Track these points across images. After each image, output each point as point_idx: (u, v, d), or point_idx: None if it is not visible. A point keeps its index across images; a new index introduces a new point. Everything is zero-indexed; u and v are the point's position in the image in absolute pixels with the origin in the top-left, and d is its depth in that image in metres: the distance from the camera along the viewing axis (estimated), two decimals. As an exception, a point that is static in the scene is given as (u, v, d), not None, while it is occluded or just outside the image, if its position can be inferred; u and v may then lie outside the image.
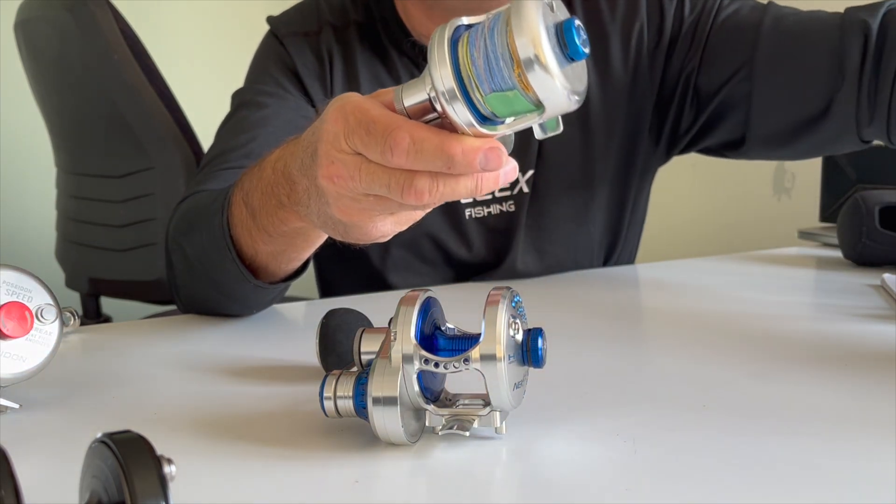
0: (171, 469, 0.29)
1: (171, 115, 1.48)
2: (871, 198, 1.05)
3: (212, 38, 2.59)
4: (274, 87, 0.94)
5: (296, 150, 0.57)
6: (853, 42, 0.82)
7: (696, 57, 0.93)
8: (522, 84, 0.41)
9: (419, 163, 0.44)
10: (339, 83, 0.95)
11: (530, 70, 0.40)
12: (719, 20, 0.93)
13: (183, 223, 0.80)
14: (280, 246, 0.69)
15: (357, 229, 0.53)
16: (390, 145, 0.44)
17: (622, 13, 0.96)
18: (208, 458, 0.46)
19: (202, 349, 0.71)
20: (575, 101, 0.41)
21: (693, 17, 0.94)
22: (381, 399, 0.44)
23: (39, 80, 1.66)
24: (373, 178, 0.47)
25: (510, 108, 0.42)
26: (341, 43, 0.96)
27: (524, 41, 0.39)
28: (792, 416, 0.51)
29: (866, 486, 0.41)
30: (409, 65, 0.96)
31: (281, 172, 0.60)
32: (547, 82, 0.40)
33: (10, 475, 0.28)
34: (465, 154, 0.43)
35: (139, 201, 1.54)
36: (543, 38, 0.39)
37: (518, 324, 0.45)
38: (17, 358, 0.51)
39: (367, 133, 0.45)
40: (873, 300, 0.84)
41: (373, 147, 0.45)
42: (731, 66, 0.91)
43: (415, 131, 0.44)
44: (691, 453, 0.45)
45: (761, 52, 0.88)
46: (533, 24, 0.39)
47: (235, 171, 0.85)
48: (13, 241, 2.21)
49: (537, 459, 0.45)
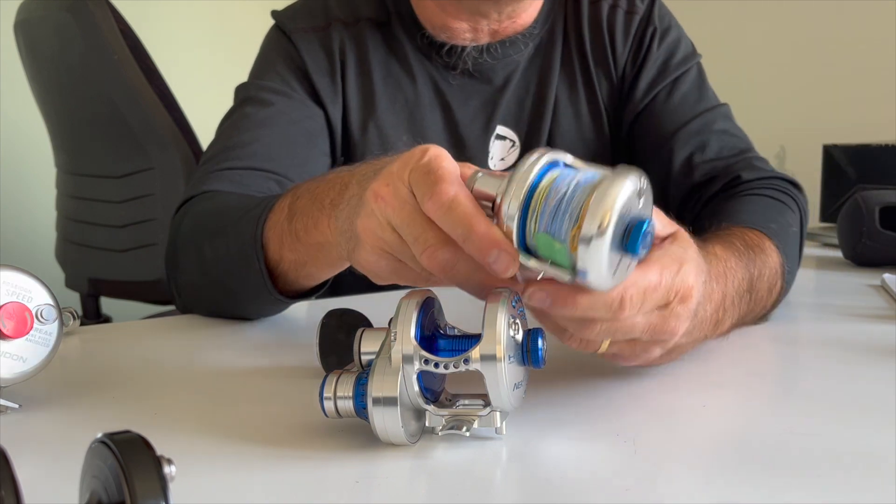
0: (171, 469, 0.29)
1: (171, 115, 1.48)
2: (871, 198, 1.05)
3: (211, 38, 2.59)
4: (280, 84, 0.93)
5: (367, 167, 0.58)
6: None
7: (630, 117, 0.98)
8: (573, 245, 0.42)
9: (444, 219, 0.46)
10: (351, 79, 0.95)
11: (584, 242, 0.41)
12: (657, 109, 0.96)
13: (205, 225, 0.79)
14: (303, 255, 0.68)
15: (363, 250, 0.53)
16: (433, 192, 0.46)
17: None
18: (208, 458, 0.46)
19: (202, 349, 0.71)
20: (607, 284, 0.43)
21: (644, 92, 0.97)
22: (380, 399, 0.44)
23: (39, 80, 1.66)
24: (410, 222, 0.48)
25: (550, 254, 0.44)
26: (353, 39, 0.95)
27: (593, 218, 0.41)
28: (792, 415, 0.51)
29: (867, 480, 0.41)
30: (423, 60, 0.96)
31: (341, 179, 0.61)
32: (593, 259, 0.41)
33: (10, 475, 0.28)
34: (483, 238, 0.44)
35: (139, 201, 1.54)
36: (611, 225, 0.41)
37: (518, 324, 0.45)
38: (17, 358, 0.51)
39: (425, 175, 0.47)
40: (873, 300, 0.84)
41: (421, 187, 0.47)
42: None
43: (460, 195, 0.46)
44: (691, 453, 0.45)
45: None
46: (609, 208, 0.41)
47: (240, 173, 0.85)
48: (13, 241, 2.21)
49: (537, 460, 0.45)
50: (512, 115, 0.97)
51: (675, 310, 0.49)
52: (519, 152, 0.97)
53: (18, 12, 1.62)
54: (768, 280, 0.68)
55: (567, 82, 0.97)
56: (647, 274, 0.46)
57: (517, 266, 0.45)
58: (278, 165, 0.87)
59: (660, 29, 0.97)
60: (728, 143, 0.93)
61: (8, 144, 2.24)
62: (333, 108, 0.94)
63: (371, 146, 0.95)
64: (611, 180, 0.42)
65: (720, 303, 0.58)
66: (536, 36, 0.97)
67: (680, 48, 0.98)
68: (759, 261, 0.67)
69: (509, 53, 0.96)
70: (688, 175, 0.92)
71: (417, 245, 0.47)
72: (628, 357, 0.53)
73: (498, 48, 0.95)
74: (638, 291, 0.45)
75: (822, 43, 2.28)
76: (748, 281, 0.64)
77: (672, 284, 0.47)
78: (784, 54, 2.37)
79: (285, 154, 0.88)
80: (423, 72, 0.96)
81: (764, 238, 0.72)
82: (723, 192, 0.88)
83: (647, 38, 0.96)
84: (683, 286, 0.48)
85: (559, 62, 0.97)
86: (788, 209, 0.83)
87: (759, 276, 0.66)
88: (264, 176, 0.86)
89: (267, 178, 0.86)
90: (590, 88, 0.97)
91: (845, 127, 2.04)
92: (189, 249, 0.80)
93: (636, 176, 0.43)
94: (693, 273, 0.49)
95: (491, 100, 0.97)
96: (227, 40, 2.56)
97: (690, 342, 0.55)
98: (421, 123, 0.96)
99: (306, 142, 0.91)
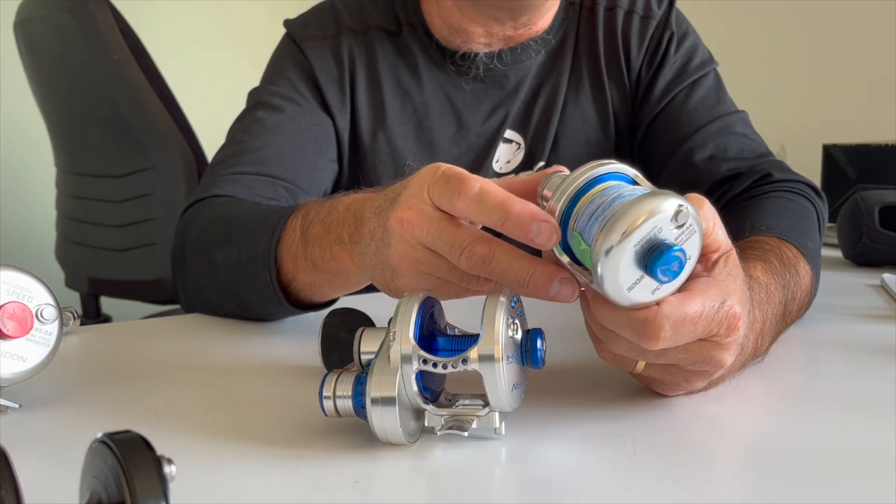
0: (171, 469, 0.29)
1: (170, 115, 1.49)
2: (871, 198, 1.05)
3: (212, 38, 2.60)
4: (290, 90, 0.93)
5: (377, 196, 0.58)
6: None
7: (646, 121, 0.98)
8: (594, 248, 0.43)
9: (478, 210, 0.47)
10: (361, 88, 0.95)
11: (604, 248, 0.42)
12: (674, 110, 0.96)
13: (216, 231, 0.79)
14: (320, 280, 0.68)
15: (402, 277, 0.53)
16: (459, 191, 0.47)
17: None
18: (208, 458, 0.46)
19: (202, 349, 0.71)
20: (623, 298, 0.43)
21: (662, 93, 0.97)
22: (379, 399, 0.44)
23: (39, 80, 1.66)
24: (440, 234, 0.48)
25: (581, 255, 0.46)
26: (363, 47, 0.96)
27: (617, 226, 0.41)
28: (791, 415, 0.51)
29: (867, 480, 0.41)
30: (433, 69, 0.97)
31: (354, 213, 0.61)
32: (610, 267, 0.42)
33: (10, 475, 0.29)
34: (522, 214, 0.45)
35: (139, 201, 1.54)
36: (632, 237, 0.41)
37: (517, 324, 0.45)
38: (17, 358, 0.51)
39: (446, 182, 0.48)
40: (873, 300, 0.84)
41: (447, 194, 0.48)
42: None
43: (486, 184, 0.47)
44: (691, 453, 0.45)
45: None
46: (635, 220, 0.41)
47: (250, 178, 0.86)
48: (13, 241, 2.22)
49: (536, 460, 0.45)
50: (519, 119, 0.98)
51: (721, 342, 0.47)
52: (524, 155, 0.98)
53: (18, 12, 1.62)
54: (799, 302, 0.68)
55: (575, 86, 0.98)
56: (686, 304, 0.44)
57: (559, 236, 0.45)
58: (287, 172, 0.88)
59: (677, 34, 0.98)
60: (748, 146, 0.93)
61: (8, 144, 2.24)
62: (341, 117, 0.95)
63: (380, 154, 0.96)
64: (649, 197, 0.42)
65: (760, 331, 0.56)
66: (549, 42, 0.98)
67: (698, 53, 0.99)
68: (794, 283, 0.66)
69: (521, 59, 0.97)
70: (710, 172, 0.91)
71: (454, 251, 0.48)
72: (668, 384, 0.51)
73: (510, 54, 0.96)
74: (674, 321, 0.43)
75: (821, 43, 2.28)
76: (783, 304, 0.63)
77: (715, 317, 0.45)
78: (784, 54, 2.37)
79: (294, 161, 0.89)
80: (433, 80, 0.97)
81: (800, 258, 0.71)
82: (753, 188, 0.88)
83: (664, 43, 0.97)
84: (729, 317, 0.46)
85: (569, 67, 0.98)
86: (816, 223, 0.83)
87: (793, 299, 0.66)
88: (273, 182, 0.87)
89: (276, 185, 0.87)
90: (599, 92, 0.98)
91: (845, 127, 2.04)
92: (198, 252, 0.80)
93: (676, 201, 0.42)
94: (739, 304, 0.47)
95: (501, 104, 0.97)
96: (228, 40, 2.56)
97: (731, 371, 0.54)
98: (430, 132, 0.96)
99: (315, 149, 0.92)
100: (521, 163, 0.98)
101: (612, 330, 0.46)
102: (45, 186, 1.88)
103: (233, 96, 0.96)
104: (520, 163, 0.98)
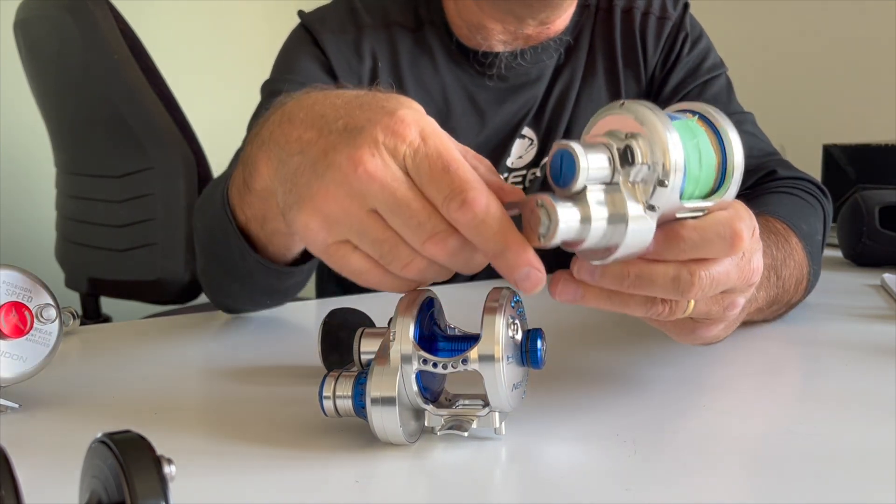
0: (171, 469, 0.29)
1: (170, 115, 1.48)
2: (871, 198, 1.05)
3: (212, 38, 2.59)
4: (307, 79, 0.91)
5: (326, 98, 0.48)
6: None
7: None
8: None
9: (475, 231, 0.41)
10: (384, 82, 0.95)
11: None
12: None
13: (198, 201, 0.78)
14: (258, 210, 0.61)
15: (307, 217, 0.44)
16: (464, 199, 0.40)
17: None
18: (208, 458, 0.46)
19: (202, 349, 0.71)
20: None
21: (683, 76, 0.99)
22: (379, 399, 0.44)
23: (39, 80, 1.65)
24: (407, 205, 0.42)
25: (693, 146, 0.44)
26: (385, 45, 0.96)
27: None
28: (791, 415, 0.51)
29: (867, 479, 0.41)
30: (454, 68, 0.97)
31: (287, 112, 0.50)
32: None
33: (10, 475, 0.29)
34: (519, 255, 0.41)
35: (139, 201, 1.54)
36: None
37: (517, 324, 0.45)
38: (17, 358, 0.51)
39: (444, 172, 0.41)
40: (873, 300, 0.84)
41: (442, 188, 0.41)
42: None
43: (492, 204, 0.41)
44: (691, 453, 0.45)
45: None
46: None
47: None
48: (13, 241, 2.21)
49: (536, 460, 0.45)
50: (535, 115, 1.00)
51: (751, 257, 0.47)
52: (536, 150, 1.00)
53: (18, 12, 1.62)
54: (795, 272, 0.68)
55: (589, 82, 1.00)
56: (740, 215, 0.44)
57: (543, 285, 0.42)
58: None
59: (691, 36, 1.01)
60: (757, 144, 0.95)
61: (8, 144, 2.24)
62: None
63: None
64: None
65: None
66: (566, 42, 1.00)
67: (710, 56, 1.01)
68: (783, 249, 0.67)
69: (542, 59, 0.98)
70: None
71: (421, 231, 0.42)
72: (714, 317, 0.49)
73: (530, 53, 0.97)
74: (746, 226, 0.43)
75: (822, 43, 2.27)
76: (771, 258, 0.64)
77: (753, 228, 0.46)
78: (784, 54, 2.36)
79: None
80: (454, 78, 0.97)
81: (790, 233, 0.72)
82: (757, 185, 0.90)
83: (679, 43, 1.00)
84: (756, 232, 0.47)
85: (583, 64, 1.00)
86: (818, 216, 0.84)
87: (784, 263, 0.66)
88: None
89: None
90: (615, 87, 1.00)
91: (845, 127, 2.04)
92: (194, 231, 0.78)
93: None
94: (760, 260, 0.48)
95: (522, 103, 0.99)
96: (228, 40, 2.56)
97: (733, 325, 0.54)
98: (452, 131, 0.96)
99: None
100: (534, 158, 1.00)
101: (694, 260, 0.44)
102: (45, 186, 1.88)
103: (233, 97, 0.95)
104: (532, 158, 1.00)
